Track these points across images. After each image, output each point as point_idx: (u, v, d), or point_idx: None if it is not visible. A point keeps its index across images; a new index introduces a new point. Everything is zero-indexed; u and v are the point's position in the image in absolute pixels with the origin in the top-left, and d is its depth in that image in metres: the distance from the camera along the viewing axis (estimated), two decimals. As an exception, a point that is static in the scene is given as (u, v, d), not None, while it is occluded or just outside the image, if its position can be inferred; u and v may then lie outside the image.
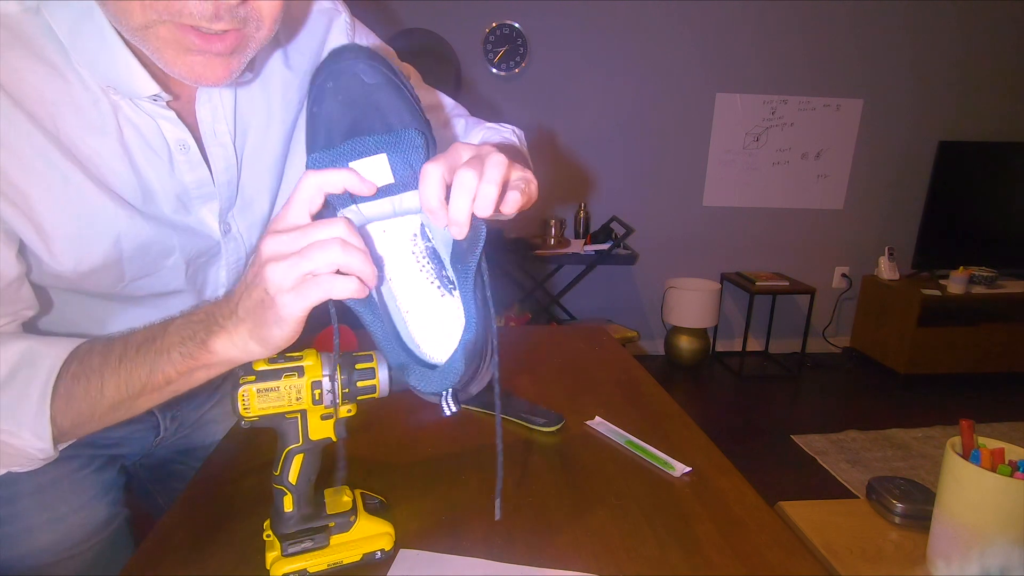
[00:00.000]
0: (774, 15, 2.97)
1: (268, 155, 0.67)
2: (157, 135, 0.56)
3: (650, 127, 3.07)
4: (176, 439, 0.86)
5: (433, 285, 0.49)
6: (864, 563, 0.75)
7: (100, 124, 0.53)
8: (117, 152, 0.54)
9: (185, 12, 0.45)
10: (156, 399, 0.52)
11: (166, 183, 0.58)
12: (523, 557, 0.59)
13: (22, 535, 0.70)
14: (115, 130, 0.54)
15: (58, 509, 0.72)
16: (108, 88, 0.52)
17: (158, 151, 0.57)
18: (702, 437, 0.84)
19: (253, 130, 0.65)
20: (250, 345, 0.47)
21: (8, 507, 0.69)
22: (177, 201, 0.60)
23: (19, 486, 0.69)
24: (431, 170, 0.44)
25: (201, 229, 0.63)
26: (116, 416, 0.53)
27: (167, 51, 0.48)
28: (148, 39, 0.47)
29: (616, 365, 1.08)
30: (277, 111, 0.66)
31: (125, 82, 0.52)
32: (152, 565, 0.58)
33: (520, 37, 2.85)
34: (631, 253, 2.84)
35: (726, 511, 0.67)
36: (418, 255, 0.49)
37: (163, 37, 0.47)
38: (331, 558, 0.57)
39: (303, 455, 0.56)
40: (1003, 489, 0.65)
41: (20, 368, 0.50)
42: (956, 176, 3.10)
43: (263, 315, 0.45)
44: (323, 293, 0.44)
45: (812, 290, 3.10)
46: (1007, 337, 3.02)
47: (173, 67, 0.49)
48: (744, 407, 2.88)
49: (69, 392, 0.51)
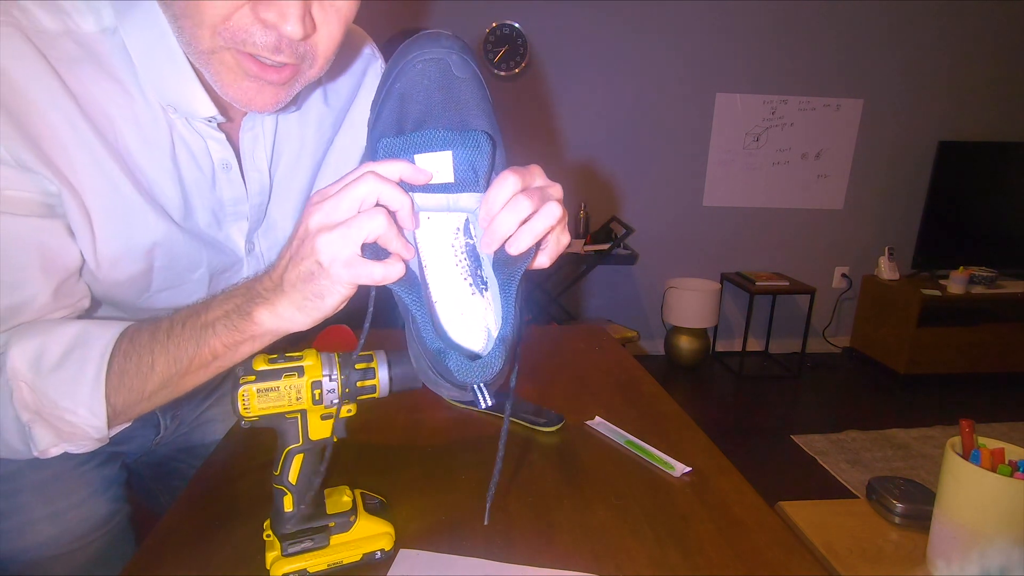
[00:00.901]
0: (774, 15, 2.97)
1: (297, 183, 0.71)
2: (204, 154, 0.60)
3: (650, 127, 3.07)
4: (176, 437, 0.86)
5: (466, 282, 0.49)
6: (864, 563, 0.75)
7: (156, 140, 0.57)
8: (167, 167, 0.58)
9: (250, 42, 0.49)
10: (203, 376, 0.53)
11: (206, 199, 0.62)
12: (523, 557, 0.59)
13: (23, 529, 0.70)
14: (168, 146, 0.58)
15: (59, 504, 0.72)
16: (168, 107, 0.56)
17: (203, 168, 0.61)
18: (702, 437, 0.84)
19: (285, 158, 0.69)
20: (296, 316, 0.48)
21: (9, 501, 0.69)
22: (212, 217, 0.64)
23: (21, 480, 0.70)
24: (510, 180, 0.44)
25: (228, 245, 0.67)
26: (165, 395, 0.54)
27: (227, 75, 0.52)
28: (211, 63, 0.51)
29: (616, 365, 1.08)
30: (310, 144, 0.71)
31: (187, 102, 0.56)
32: (153, 564, 0.58)
33: (520, 37, 2.85)
34: (631, 253, 2.83)
35: (726, 511, 0.67)
36: (457, 249, 0.49)
37: (226, 62, 0.51)
38: (331, 558, 0.57)
39: (303, 455, 0.56)
40: (1003, 489, 0.65)
41: (75, 348, 0.52)
42: (956, 176, 3.10)
43: (311, 286, 0.45)
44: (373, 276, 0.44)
45: (812, 290, 3.10)
46: (1007, 337, 3.02)
47: (228, 90, 0.53)
48: (744, 407, 2.88)
49: (122, 369, 0.52)
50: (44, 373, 0.51)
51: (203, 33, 0.49)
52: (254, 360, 0.54)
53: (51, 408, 0.51)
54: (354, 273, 0.44)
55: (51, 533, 0.71)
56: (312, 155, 0.72)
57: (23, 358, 0.50)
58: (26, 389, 0.50)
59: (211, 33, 0.49)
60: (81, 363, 0.51)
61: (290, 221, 0.71)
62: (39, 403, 0.51)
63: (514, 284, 0.44)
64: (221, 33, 0.49)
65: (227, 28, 0.49)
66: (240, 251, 0.68)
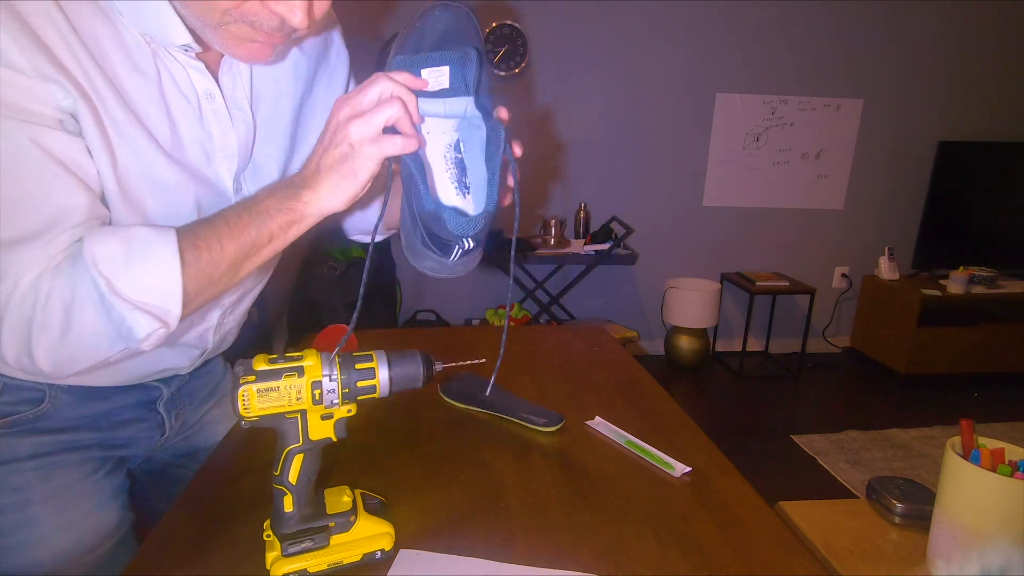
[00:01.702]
0: (774, 15, 2.97)
1: (279, 125, 0.73)
2: (188, 83, 0.62)
3: (650, 127, 3.07)
4: (178, 441, 0.86)
5: (453, 185, 0.62)
6: (864, 563, 0.75)
7: (143, 67, 0.58)
8: (155, 95, 0.60)
9: (257, 23, 0.56)
10: (261, 259, 0.60)
11: (195, 131, 0.64)
12: (523, 557, 0.60)
13: (34, 543, 0.69)
14: (155, 74, 0.59)
15: (71, 514, 0.71)
16: (144, 35, 0.58)
17: (189, 99, 0.62)
18: (702, 437, 0.84)
19: (264, 100, 0.71)
20: (334, 194, 0.56)
21: (18, 514, 0.69)
22: (201, 150, 0.65)
23: (29, 492, 0.69)
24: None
25: (217, 184, 0.68)
26: (230, 279, 0.59)
27: (232, 40, 0.57)
28: (218, 33, 0.56)
29: (616, 365, 1.08)
30: (287, 87, 0.73)
31: (162, 30, 0.57)
32: (153, 565, 0.58)
33: (520, 37, 2.85)
34: (631, 253, 2.83)
35: (726, 511, 0.67)
36: (448, 160, 0.62)
37: (232, 32, 0.56)
38: (331, 558, 0.57)
39: (303, 455, 0.56)
40: (1003, 489, 0.65)
41: (145, 244, 0.54)
42: (956, 176, 3.10)
43: (344, 167, 0.55)
44: (396, 147, 0.54)
45: (812, 290, 3.09)
46: (1007, 337, 3.01)
47: (233, 51, 0.59)
48: (744, 407, 2.88)
49: (195, 257, 0.55)
50: (127, 265, 0.53)
51: (214, 13, 0.55)
52: (254, 360, 0.54)
53: (138, 297, 0.53)
54: (380, 147, 0.54)
55: (63, 545, 0.71)
56: (290, 98, 0.74)
57: (105, 256, 0.52)
58: (114, 282, 0.52)
59: (221, 13, 0.55)
60: (153, 254, 0.54)
61: (275, 164, 0.73)
62: (127, 294, 0.53)
63: (496, 169, 0.57)
64: (230, 13, 0.55)
65: (238, 11, 0.55)
66: (229, 190, 0.69)
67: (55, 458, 0.71)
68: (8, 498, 0.68)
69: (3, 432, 0.67)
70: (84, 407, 0.72)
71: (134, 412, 0.78)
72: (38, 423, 0.69)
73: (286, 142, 0.75)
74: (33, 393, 0.69)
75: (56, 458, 0.71)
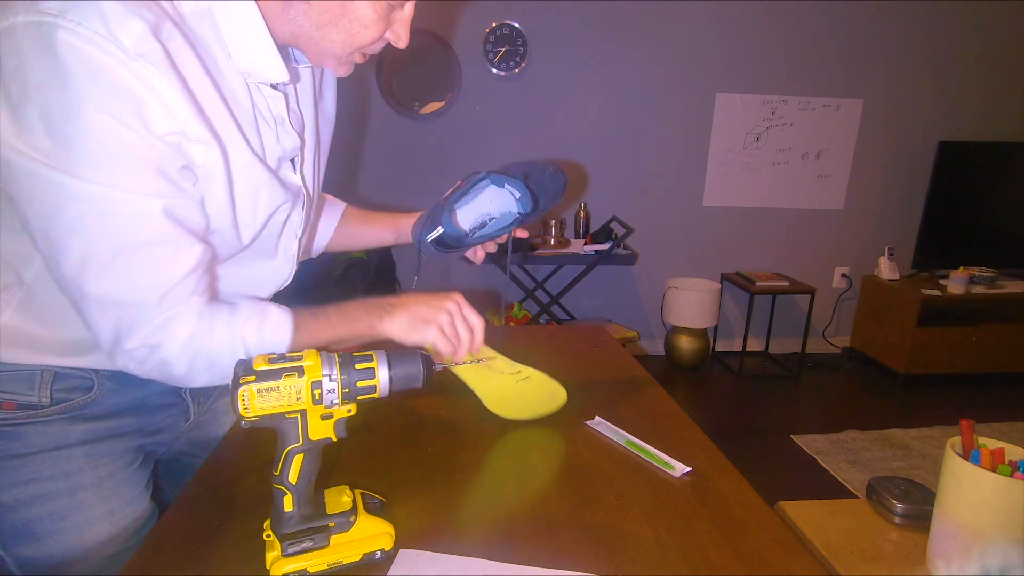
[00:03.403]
0: (774, 15, 2.97)
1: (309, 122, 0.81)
2: (267, 110, 0.70)
3: (650, 127, 3.07)
4: (191, 429, 0.88)
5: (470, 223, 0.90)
6: (864, 563, 0.75)
7: (242, 101, 0.66)
8: (252, 124, 0.68)
9: (370, 51, 0.68)
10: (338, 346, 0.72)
11: (274, 149, 0.71)
12: (523, 557, 0.60)
13: (83, 527, 0.72)
14: (251, 108, 0.67)
15: (114, 502, 0.75)
16: (246, 74, 0.65)
17: (270, 124, 0.70)
18: (702, 437, 0.84)
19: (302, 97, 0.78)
20: (400, 334, 0.72)
21: (69, 499, 0.72)
22: (277, 163, 0.73)
23: (80, 478, 0.72)
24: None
25: (289, 182, 0.76)
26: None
27: (335, 63, 0.68)
28: (340, 62, 0.68)
29: (616, 365, 1.08)
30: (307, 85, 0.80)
31: (266, 71, 0.66)
32: (153, 565, 0.58)
33: (520, 37, 2.85)
34: (631, 253, 2.83)
35: (726, 511, 0.67)
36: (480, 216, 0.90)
37: (348, 59, 0.68)
38: (331, 558, 0.57)
39: (303, 455, 0.56)
40: (1003, 489, 0.65)
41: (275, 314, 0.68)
42: (956, 176, 3.10)
43: (417, 321, 0.73)
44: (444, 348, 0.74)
45: (812, 290, 3.09)
46: (1007, 337, 3.01)
47: (338, 68, 0.70)
48: (744, 407, 2.88)
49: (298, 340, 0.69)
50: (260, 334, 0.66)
51: (345, 49, 0.66)
52: (254, 360, 0.54)
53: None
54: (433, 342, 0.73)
55: (109, 531, 0.74)
56: (310, 95, 0.80)
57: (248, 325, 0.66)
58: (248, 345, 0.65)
59: (351, 50, 0.66)
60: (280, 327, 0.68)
61: (310, 158, 0.82)
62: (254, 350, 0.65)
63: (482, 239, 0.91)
64: (360, 49, 0.67)
65: (367, 48, 0.67)
66: (299, 183, 0.77)
67: (102, 445, 0.74)
68: (60, 483, 0.71)
69: (56, 419, 0.70)
70: (126, 393, 0.75)
71: (165, 398, 0.81)
72: (87, 409, 0.72)
73: (314, 139, 0.82)
74: (83, 381, 0.72)
75: (103, 445, 0.74)
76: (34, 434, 0.69)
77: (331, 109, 0.88)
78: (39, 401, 0.69)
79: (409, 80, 2.85)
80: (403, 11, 0.67)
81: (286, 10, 0.63)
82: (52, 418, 0.70)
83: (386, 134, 2.90)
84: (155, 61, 0.54)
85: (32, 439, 0.69)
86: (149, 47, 0.54)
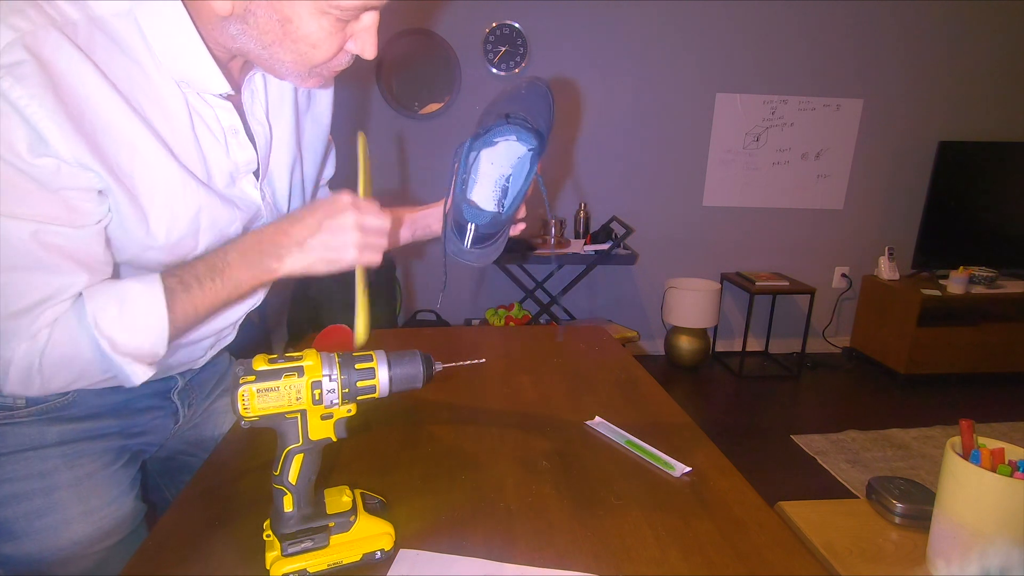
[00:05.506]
0: (774, 15, 2.97)
1: (286, 133, 0.77)
2: (215, 121, 0.66)
3: (650, 127, 3.07)
4: (187, 429, 0.88)
5: (493, 199, 0.78)
6: (864, 563, 0.75)
7: (176, 113, 0.62)
8: (188, 137, 0.64)
9: (336, 67, 0.65)
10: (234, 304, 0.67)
11: (222, 163, 0.68)
12: (523, 557, 0.60)
13: (60, 527, 0.72)
14: (187, 118, 0.63)
15: (92, 502, 0.74)
16: (181, 82, 0.61)
17: (216, 135, 0.66)
18: (702, 437, 0.84)
19: (276, 111, 0.75)
20: (310, 268, 0.64)
21: (45, 499, 0.71)
22: (228, 178, 0.70)
23: (55, 478, 0.72)
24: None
25: (245, 199, 0.72)
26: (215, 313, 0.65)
27: (311, 80, 0.65)
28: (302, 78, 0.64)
29: (616, 365, 1.08)
30: (289, 94, 0.77)
31: (202, 80, 0.62)
32: (153, 564, 0.58)
33: (520, 37, 2.85)
34: (631, 253, 2.83)
35: (726, 511, 0.67)
36: (497, 185, 0.78)
37: (312, 73, 0.64)
38: (331, 558, 0.57)
39: (303, 455, 0.56)
40: (1003, 489, 0.65)
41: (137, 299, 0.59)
42: (956, 176, 3.10)
43: (330, 256, 0.64)
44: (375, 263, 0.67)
45: (812, 290, 3.09)
46: (1007, 337, 3.01)
47: (304, 83, 0.67)
48: (744, 407, 2.88)
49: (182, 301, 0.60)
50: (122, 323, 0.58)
51: (299, 68, 0.62)
52: (254, 360, 0.54)
53: (132, 349, 0.58)
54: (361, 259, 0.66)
55: (85, 531, 0.73)
56: (290, 103, 0.77)
57: (106, 317, 0.57)
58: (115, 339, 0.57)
59: (306, 68, 0.62)
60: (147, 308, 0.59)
61: (285, 171, 0.78)
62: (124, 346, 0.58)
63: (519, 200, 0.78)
64: (316, 67, 0.63)
65: (329, 65, 0.63)
66: (258, 200, 0.74)
67: (80, 446, 0.73)
68: (36, 483, 0.71)
69: (32, 420, 0.70)
70: (107, 396, 0.75)
71: (150, 401, 0.81)
72: (64, 411, 0.72)
73: (294, 150, 0.79)
74: None
75: (81, 446, 0.74)
76: (9, 435, 0.69)
77: (325, 115, 0.84)
78: (13, 403, 0.68)
79: (409, 80, 2.85)
80: (361, 22, 0.62)
81: (225, 26, 0.59)
82: (28, 419, 0.70)
83: (386, 134, 2.90)
84: (20, 75, 0.49)
85: (7, 440, 0.69)
86: (14, 58, 0.49)
